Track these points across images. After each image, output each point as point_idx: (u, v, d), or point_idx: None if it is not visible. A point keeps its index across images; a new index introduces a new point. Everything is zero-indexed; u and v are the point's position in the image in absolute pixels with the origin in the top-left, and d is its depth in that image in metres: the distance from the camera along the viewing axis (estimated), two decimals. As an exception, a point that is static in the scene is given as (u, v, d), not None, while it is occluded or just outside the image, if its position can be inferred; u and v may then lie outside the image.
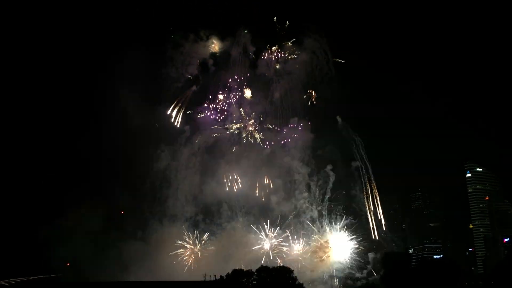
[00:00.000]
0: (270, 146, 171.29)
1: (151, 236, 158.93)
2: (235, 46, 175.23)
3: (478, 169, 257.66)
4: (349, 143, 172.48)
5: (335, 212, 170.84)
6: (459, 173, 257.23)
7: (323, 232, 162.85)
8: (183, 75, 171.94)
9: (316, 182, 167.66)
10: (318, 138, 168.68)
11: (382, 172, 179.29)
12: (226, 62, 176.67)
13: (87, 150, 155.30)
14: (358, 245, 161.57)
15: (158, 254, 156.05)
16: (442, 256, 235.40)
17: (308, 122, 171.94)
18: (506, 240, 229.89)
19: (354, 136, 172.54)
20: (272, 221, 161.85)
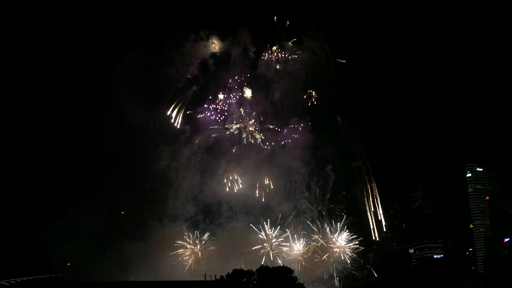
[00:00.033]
0: (270, 147, 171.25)
1: (151, 236, 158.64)
2: (235, 46, 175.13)
3: (478, 169, 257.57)
4: (349, 143, 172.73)
5: (335, 212, 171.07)
6: (459, 173, 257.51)
7: (323, 232, 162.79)
8: (183, 75, 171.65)
9: (316, 182, 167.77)
10: (318, 138, 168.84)
11: (382, 172, 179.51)
12: (226, 62, 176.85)
13: (87, 150, 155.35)
14: (358, 245, 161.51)
15: (158, 254, 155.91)
16: (442, 256, 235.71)
17: (309, 123, 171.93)
18: (506, 240, 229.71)
19: (354, 136, 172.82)
20: (272, 221, 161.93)
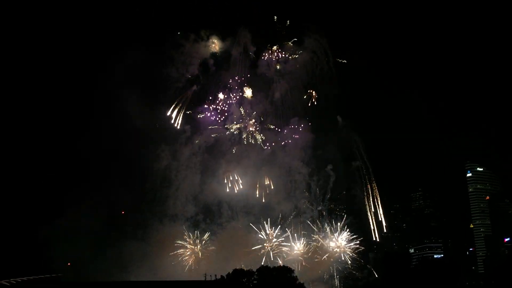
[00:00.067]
0: (271, 147, 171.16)
1: (152, 236, 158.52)
2: (236, 46, 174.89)
3: (478, 168, 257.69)
4: (349, 143, 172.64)
5: (335, 212, 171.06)
6: (460, 172, 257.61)
7: (323, 231, 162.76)
8: (183, 75, 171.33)
9: (317, 182, 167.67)
10: (319, 138, 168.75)
11: (382, 171, 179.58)
12: (226, 62, 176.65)
13: (87, 149, 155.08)
14: (358, 244, 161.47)
15: (158, 254, 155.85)
16: (442, 256, 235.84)
17: (309, 123, 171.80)
18: (506, 239, 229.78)
19: (355, 135, 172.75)
20: (273, 221, 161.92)
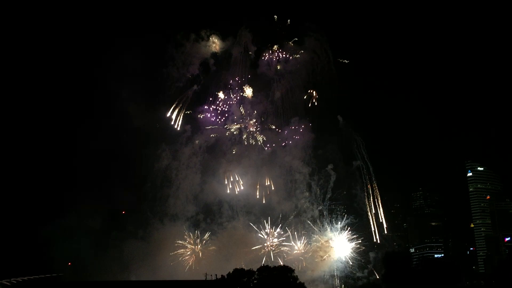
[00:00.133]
0: (271, 148, 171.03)
1: (152, 236, 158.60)
2: (236, 46, 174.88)
3: (479, 168, 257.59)
4: (350, 143, 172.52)
5: (336, 212, 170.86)
6: (460, 172, 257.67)
7: (324, 231, 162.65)
8: (184, 74, 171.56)
9: (317, 181, 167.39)
10: (319, 138, 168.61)
11: (383, 171, 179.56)
12: (227, 62, 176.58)
13: (88, 149, 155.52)
14: (359, 244, 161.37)
15: (159, 254, 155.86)
16: (443, 255, 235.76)
17: (310, 123, 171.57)
18: (507, 239, 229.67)
19: (355, 135, 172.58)
20: (273, 220, 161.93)
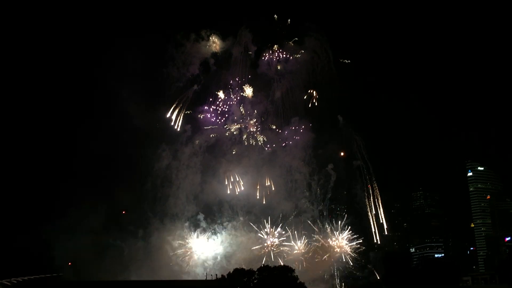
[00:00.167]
0: (272, 148, 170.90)
1: (152, 235, 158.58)
2: (236, 46, 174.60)
3: (479, 168, 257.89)
4: (350, 143, 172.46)
5: (336, 212, 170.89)
6: (461, 172, 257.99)
7: (324, 231, 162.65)
8: (184, 74, 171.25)
9: (317, 181, 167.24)
10: (319, 138, 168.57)
11: (383, 171, 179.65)
12: (227, 62, 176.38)
13: (89, 149, 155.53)
14: (359, 244, 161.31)
15: (159, 253, 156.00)
16: (443, 255, 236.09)
17: (310, 124, 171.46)
18: (507, 239, 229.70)
19: (355, 135, 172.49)
20: (273, 220, 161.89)
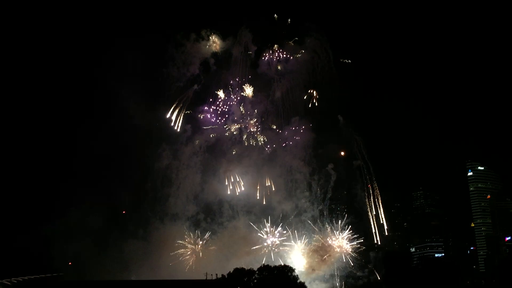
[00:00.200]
0: (272, 148, 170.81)
1: (153, 235, 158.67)
2: (237, 45, 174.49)
3: (479, 167, 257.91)
4: (350, 142, 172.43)
5: (336, 211, 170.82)
6: (461, 171, 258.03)
7: (324, 231, 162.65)
8: (184, 74, 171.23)
9: (317, 181, 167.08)
10: (320, 137, 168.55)
11: (383, 171, 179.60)
12: (227, 62, 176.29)
13: (89, 149, 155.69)
14: (359, 244, 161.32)
15: (159, 253, 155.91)
16: (443, 254, 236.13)
17: (310, 123, 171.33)
18: (507, 238, 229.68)
19: (356, 135, 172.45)
20: (274, 220, 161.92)
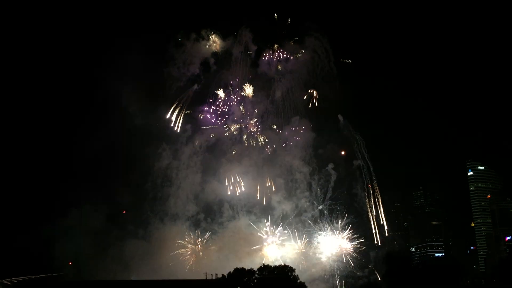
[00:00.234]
0: (272, 149, 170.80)
1: (153, 235, 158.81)
2: (237, 45, 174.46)
3: (479, 167, 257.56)
4: (350, 142, 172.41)
5: (336, 211, 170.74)
6: (461, 171, 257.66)
7: (324, 231, 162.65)
8: (184, 74, 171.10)
9: (318, 181, 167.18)
10: (320, 137, 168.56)
11: (383, 170, 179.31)
12: (227, 61, 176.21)
13: (89, 149, 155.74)
14: (359, 243, 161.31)
15: (159, 253, 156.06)
16: (443, 254, 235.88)
17: (310, 124, 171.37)
18: (508, 238, 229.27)
19: (356, 135, 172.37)
20: (274, 220, 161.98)
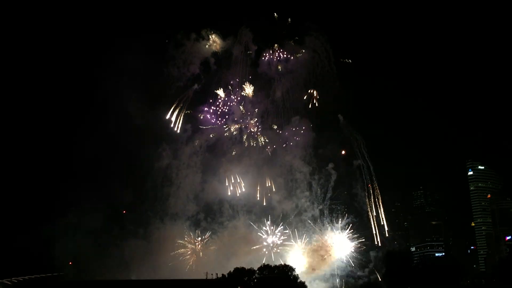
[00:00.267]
0: (272, 148, 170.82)
1: (153, 235, 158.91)
2: (237, 45, 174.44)
3: (480, 167, 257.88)
4: (350, 142, 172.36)
5: (336, 211, 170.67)
6: (461, 171, 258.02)
7: (324, 230, 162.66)
8: (184, 74, 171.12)
9: (318, 180, 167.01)
10: (320, 137, 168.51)
11: (383, 170, 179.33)
12: (227, 61, 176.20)
13: (89, 149, 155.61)
14: (359, 243, 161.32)
15: (159, 253, 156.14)
16: (444, 254, 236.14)
17: (310, 124, 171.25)
18: (508, 238, 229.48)
19: (356, 134, 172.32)
20: (274, 219, 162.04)
